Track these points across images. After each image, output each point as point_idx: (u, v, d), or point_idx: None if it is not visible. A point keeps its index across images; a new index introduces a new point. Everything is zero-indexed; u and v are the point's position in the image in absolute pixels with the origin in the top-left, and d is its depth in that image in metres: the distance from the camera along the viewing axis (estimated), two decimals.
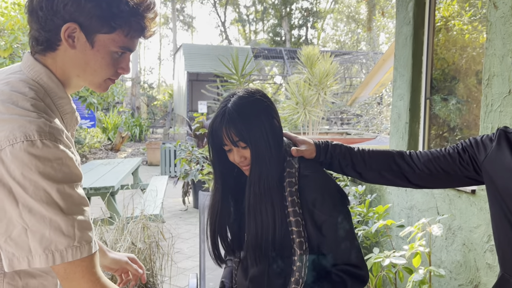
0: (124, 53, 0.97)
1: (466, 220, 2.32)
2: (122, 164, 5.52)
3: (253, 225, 1.16)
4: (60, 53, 0.92)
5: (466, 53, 3.15)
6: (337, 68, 6.54)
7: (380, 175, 1.28)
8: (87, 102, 5.60)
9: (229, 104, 1.15)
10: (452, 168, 1.23)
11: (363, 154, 1.29)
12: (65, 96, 0.95)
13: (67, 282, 0.84)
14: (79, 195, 0.86)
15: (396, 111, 3.04)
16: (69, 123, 0.98)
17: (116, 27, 0.91)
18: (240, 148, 1.15)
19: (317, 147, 1.27)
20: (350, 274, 1.15)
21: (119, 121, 14.36)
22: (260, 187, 1.14)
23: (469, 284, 2.31)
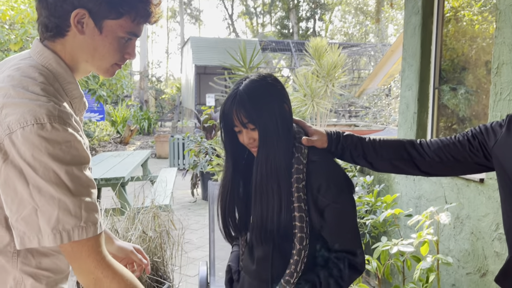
0: (131, 39, 0.99)
1: (474, 209, 2.32)
2: (132, 156, 5.58)
3: (259, 205, 1.18)
4: (69, 39, 0.94)
5: (476, 43, 3.13)
6: (345, 59, 6.51)
7: (391, 164, 1.29)
8: (96, 95, 5.64)
9: (241, 87, 1.18)
10: (462, 155, 1.24)
11: (374, 144, 1.29)
12: (73, 81, 0.98)
13: (74, 260, 0.87)
14: (87, 177, 0.88)
15: (404, 101, 3.04)
16: (78, 107, 1.01)
17: (123, 12, 0.93)
18: (249, 130, 1.17)
19: (329, 138, 1.28)
20: (348, 264, 1.17)
21: (128, 115, 14.45)
22: (267, 168, 1.16)
23: (477, 272, 2.32)
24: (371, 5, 27.67)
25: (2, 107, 0.84)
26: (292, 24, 28.17)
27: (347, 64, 12.94)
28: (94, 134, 11.01)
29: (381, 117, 8.16)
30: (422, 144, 1.29)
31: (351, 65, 16.16)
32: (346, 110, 12.70)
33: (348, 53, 14.82)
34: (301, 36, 27.44)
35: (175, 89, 22.99)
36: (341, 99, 9.68)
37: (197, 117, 7.84)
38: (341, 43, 15.53)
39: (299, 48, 15.34)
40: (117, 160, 5.24)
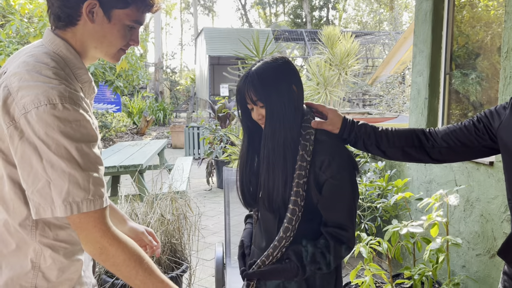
0: (135, 27, 1.08)
1: (484, 192, 2.37)
2: (149, 145, 5.71)
3: (266, 177, 1.27)
4: (79, 27, 1.03)
5: (492, 29, 3.12)
6: (358, 48, 6.50)
7: (403, 152, 1.34)
8: (113, 86, 5.76)
9: (253, 68, 1.28)
10: (469, 139, 1.28)
11: (387, 133, 1.34)
12: (82, 67, 1.06)
13: (82, 231, 0.95)
14: (95, 154, 0.96)
15: (415, 87, 3.07)
16: (87, 91, 1.09)
17: (130, 2, 1.02)
18: (259, 107, 1.27)
19: (343, 123, 1.32)
20: (335, 237, 1.22)
21: (144, 106, 14.64)
22: (273, 143, 1.25)
23: (486, 253, 2.37)
24: None
25: (18, 89, 0.92)
26: (305, 13, 27.94)
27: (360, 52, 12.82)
28: (111, 125, 11.21)
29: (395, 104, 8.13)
30: (431, 132, 1.34)
31: (365, 53, 16.02)
32: (360, 99, 12.65)
33: (362, 41, 14.70)
34: (315, 25, 27.22)
35: (189, 80, 23.13)
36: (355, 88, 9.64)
37: (211, 107, 7.93)
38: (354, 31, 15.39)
39: (312, 37, 15.26)
40: (135, 149, 5.38)
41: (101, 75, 5.64)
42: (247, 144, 1.36)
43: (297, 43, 17.19)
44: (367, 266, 2.30)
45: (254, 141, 1.36)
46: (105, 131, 10.86)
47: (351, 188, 1.25)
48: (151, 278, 1.00)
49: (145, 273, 0.99)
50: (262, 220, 1.38)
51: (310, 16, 27.93)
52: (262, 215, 1.38)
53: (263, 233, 1.35)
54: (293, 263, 1.22)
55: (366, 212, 3.14)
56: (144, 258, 1.00)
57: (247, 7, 35.21)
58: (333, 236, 1.22)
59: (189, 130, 8.82)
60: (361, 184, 3.18)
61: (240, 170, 1.37)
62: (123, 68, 5.52)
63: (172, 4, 38.31)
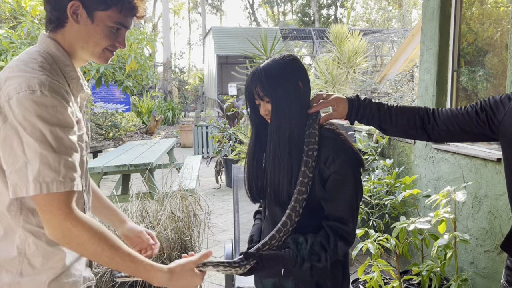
0: (120, 29, 1.15)
1: (492, 188, 2.37)
2: (158, 144, 5.76)
3: (272, 172, 1.30)
4: (67, 29, 1.11)
5: (501, 26, 3.11)
6: (366, 45, 6.50)
7: (403, 131, 1.39)
8: (123, 86, 5.83)
9: (261, 65, 1.32)
10: (469, 126, 1.31)
11: (391, 112, 1.36)
12: (70, 64, 1.13)
13: (45, 213, 0.99)
14: (70, 140, 1.02)
15: (423, 84, 3.08)
16: (75, 88, 1.15)
17: (111, 4, 1.09)
18: (265, 102, 1.31)
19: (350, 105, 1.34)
20: (335, 231, 1.24)
21: (153, 105, 14.73)
22: (278, 138, 1.28)
23: (494, 249, 2.38)
24: None
25: (6, 80, 1.02)
26: (313, 12, 27.87)
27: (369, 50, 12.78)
28: (121, 124, 11.30)
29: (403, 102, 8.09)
30: (434, 113, 1.37)
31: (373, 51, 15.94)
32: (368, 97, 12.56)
33: (370, 39, 14.63)
34: (323, 24, 27.15)
35: (197, 80, 23.21)
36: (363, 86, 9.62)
37: (220, 106, 7.97)
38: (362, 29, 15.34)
39: (320, 35, 15.22)
40: (145, 148, 5.44)
41: (111, 75, 5.71)
42: (255, 139, 1.39)
43: (305, 42, 17.16)
44: (375, 262, 2.32)
45: (261, 137, 1.39)
46: (114, 131, 10.96)
47: (354, 183, 1.25)
48: (118, 253, 1.04)
49: (111, 249, 1.03)
50: (270, 215, 1.41)
51: (318, 15, 27.85)
52: (269, 210, 1.40)
53: (271, 227, 1.37)
54: (292, 251, 1.23)
55: (374, 209, 3.15)
56: (109, 236, 1.04)
57: (255, 6, 35.25)
58: (333, 229, 1.24)
59: (198, 129, 8.88)
60: (369, 181, 3.20)
61: (248, 165, 1.40)
62: (132, 68, 5.59)
63: (180, 3, 38.45)
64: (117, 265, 1.05)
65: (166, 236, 2.67)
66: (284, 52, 1.38)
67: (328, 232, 1.24)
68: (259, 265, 1.21)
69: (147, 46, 6.35)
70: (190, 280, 1.13)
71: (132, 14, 1.14)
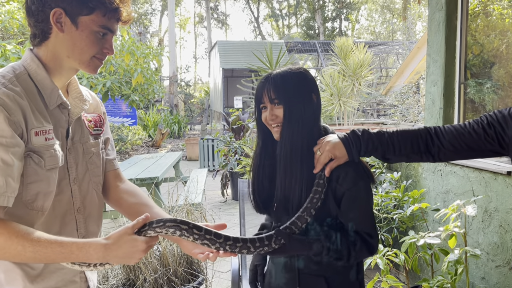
0: (106, 34, 1.13)
1: (502, 202, 2.33)
2: (164, 158, 5.77)
3: (283, 177, 1.28)
4: (52, 40, 1.10)
5: (507, 37, 3.11)
6: (371, 58, 6.51)
7: (407, 157, 1.32)
8: (129, 100, 5.86)
9: (274, 72, 1.31)
10: (476, 144, 1.25)
11: (393, 141, 1.28)
12: (43, 74, 1.11)
13: None
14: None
15: (430, 97, 3.06)
16: (49, 98, 1.12)
17: (94, 7, 1.08)
18: (274, 106, 1.28)
19: (347, 149, 1.26)
20: (364, 240, 1.24)
21: (159, 119, 14.81)
22: (291, 145, 1.27)
23: (506, 265, 2.33)
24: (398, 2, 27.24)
25: None
26: (318, 25, 28.07)
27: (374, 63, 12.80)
28: (127, 138, 11.35)
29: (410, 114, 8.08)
30: (437, 133, 1.29)
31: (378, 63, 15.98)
32: (374, 109, 12.58)
33: (375, 51, 14.67)
34: (327, 36, 27.30)
35: (203, 93, 23.34)
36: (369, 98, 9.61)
37: (225, 119, 7.99)
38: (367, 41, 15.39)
39: (325, 48, 15.30)
40: (151, 161, 5.44)
41: (117, 89, 5.74)
42: (261, 146, 1.38)
43: (310, 55, 17.25)
44: (384, 278, 2.27)
45: (267, 144, 1.37)
46: (121, 144, 11.01)
47: (367, 196, 1.27)
48: (41, 244, 0.99)
49: (32, 243, 0.99)
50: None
51: (323, 27, 28.04)
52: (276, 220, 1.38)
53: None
54: (319, 243, 1.21)
55: (382, 223, 3.11)
56: (28, 231, 1.00)
57: (260, 19, 35.57)
58: (362, 239, 1.24)
59: (204, 142, 8.89)
60: (377, 195, 3.16)
61: (253, 173, 1.38)
62: (139, 82, 5.62)
63: (186, 18, 38.90)
64: (46, 256, 1.00)
65: (172, 252, 2.64)
66: (296, 65, 1.38)
67: (356, 239, 1.24)
68: (286, 246, 1.19)
69: (153, 60, 6.40)
70: (129, 247, 1.04)
71: (116, 18, 1.13)
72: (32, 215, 1.09)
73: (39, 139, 1.07)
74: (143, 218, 1.09)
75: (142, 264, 2.56)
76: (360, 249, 1.23)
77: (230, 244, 1.13)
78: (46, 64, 1.13)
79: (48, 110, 1.12)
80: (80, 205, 1.21)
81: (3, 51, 4.32)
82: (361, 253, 1.25)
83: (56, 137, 1.13)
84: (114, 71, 5.76)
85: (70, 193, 1.18)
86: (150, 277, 2.54)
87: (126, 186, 1.38)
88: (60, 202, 1.15)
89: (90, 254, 1.02)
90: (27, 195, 1.08)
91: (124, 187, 1.37)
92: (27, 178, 1.07)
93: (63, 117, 1.16)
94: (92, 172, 1.25)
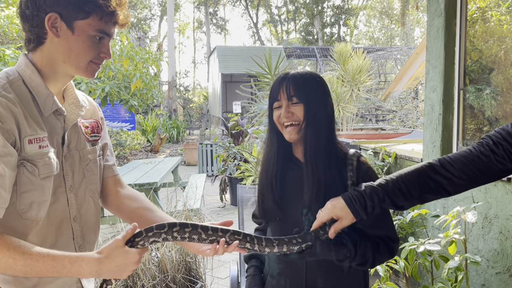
0: (103, 38, 1.10)
1: (502, 208, 2.33)
2: (163, 163, 5.75)
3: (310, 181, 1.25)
4: (47, 45, 1.08)
5: (505, 43, 3.11)
6: (370, 63, 6.52)
7: (421, 199, 1.23)
8: (128, 105, 5.86)
9: (292, 71, 1.30)
10: (488, 167, 1.18)
11: (399, 186, 1.20)
12: (37, 80, 1.08)
13: None
14: None
15: (429, 103, 3.06)
16: (44, 104, 1.09)
17: (90, 11, 1.05)
18: (292, 104, 1.26)
19: (351, 208, 1.19)
20: (387, 244, 1.26)
21: (157, 124, 14.80)
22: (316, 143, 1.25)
23: (506, 271, 2.32)
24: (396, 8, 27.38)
25: None
26: (317, 30, 28.17)
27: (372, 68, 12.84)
28: (126, 143, 11.34)
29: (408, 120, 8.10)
30: (444, 165, 1.20)
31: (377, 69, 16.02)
32: (372, 114, 12.61)
33: (374, 57, 14.72)
34: (326, 42, 27.40)
35: (202, 98, 23.36)
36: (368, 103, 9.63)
37: (224, 124, 7.99)
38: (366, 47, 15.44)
39: (324, 53, 15.35)
40: (149, 167, 5.43)
41: (116, 94, 5.74)
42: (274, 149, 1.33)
43: (309, 60, 17.28)
44: (384, 285, 2.26)
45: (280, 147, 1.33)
46: (119, 149, 10.99)
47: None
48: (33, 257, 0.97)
49: (24, 256, 0.97)
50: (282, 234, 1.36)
51: (321, 33, 28.14)
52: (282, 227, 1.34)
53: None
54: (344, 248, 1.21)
55: None
56: (19, 244, 0.99)
57: (258, 25, 35.69)
58: (385, 243, 1.25)
59: (203, 147, 8.88)
60: None
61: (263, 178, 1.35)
62: (137, 87, 5.62)
63: (185, 23, 39.01)
64: (37, 270, 0.98)
65: (171, 258, 2.63)
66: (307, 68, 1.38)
67: (380, 243, 1.25)
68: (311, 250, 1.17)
69: (152, 65, 6.40)
70: (122, 259, 1.02)
71: (112, 21, 1.10)
72: (26, 225, 1.06)
73: (33, 147, 1.05)
74: (132, 228, 1.07)
75: (140, 271, 2.54)
76: (383, 253, 1.24)
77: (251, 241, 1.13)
78: (41, 69, 1.10)
79: (42, 117, 1.09)
80: (76, 214, 1.18)
81: (2, 55, 4.31)
82: (384, 257, 1.26)
83: (51, 144, 1.10)
84: (113, 76, 5.76)
85: (66, 201, 1.15)
86: (148, 284, 2.52)
87: (126, 192, 1.36)
88: (55, 210, 1.12)
89: (83, 268, 1.00)
90: (21, 205, 1.05)
91: (125, 192, 1.35)
92: (21, 187, 1.04)
93: (58, 124, 1.13)
94: (89, 179, 1.22)
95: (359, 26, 31.58)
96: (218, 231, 1.12)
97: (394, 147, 3.99)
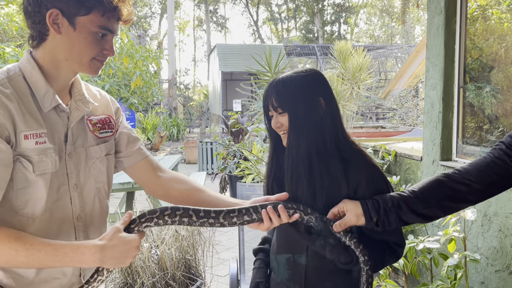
0: (106, 35, 1.09)
1: (502, 206, 2.33)
2: (163, 161, 5.75)
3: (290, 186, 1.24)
4: (49, 41, 1.07)
5: (505, 41, 3.11)
6: (370, 62, 6.51)
7: (441, 208, 1.20)
8: (128, 103, 5.86)
9: (281, 76, 1.27)
10: (505, 170, 1.17)
11: (416, 194, 1.19)
12: (37, 76, 1.08)
13: None
14: None
15: (429, 101, 3.06)
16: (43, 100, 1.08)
17: (91, 7, 1.04)
18: (278, 114, 1.24)
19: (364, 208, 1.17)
20: (389, 247, 1.24)
21: (158, 122, 14.80)
22: (297, 155, 1.21)
23: (505, 269, 2.32)
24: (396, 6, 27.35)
25: None
26: (317, 28, 28.14)
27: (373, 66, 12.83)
28: None
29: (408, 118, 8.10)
30: (461, 173, 1.20)
31: (377, 67, 16.02)
32: (373, 113, 12.61)
33: (374, 55, 14.71)
34: (326, 40, 27.38)
35: (202, 96, 23.38)
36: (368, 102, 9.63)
37: (224, 122, 7.99)
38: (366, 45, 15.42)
39: (324, 52, 15.34)
40: None
41: (116, 92, 5.74)
42: (272, 153, 1.33)
43: (309, 58, 17.28)
44: (383, 283, 2.27)
45: (278, 151, 1.33)
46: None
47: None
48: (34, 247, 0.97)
49: (25, 246, 0.96)
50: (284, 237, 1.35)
51: (321, 31, 28.11)
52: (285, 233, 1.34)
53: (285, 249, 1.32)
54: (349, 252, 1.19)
55: None
56: (20, 235, 0.98)
57: (259, 23, 35.64)
58: (391, 248, 1.24)
59: (203, 145, 8.89)
60: None
61: (266, 178, 1.35)
62: (137, 85, 5.63)
63: (185, 21, 38.98)
64: (40, 260, 0.97)
65: (170, 256, 2.63)
66: (307, 67, 1.35)
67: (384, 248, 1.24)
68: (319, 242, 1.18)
69: (152, 63, 6.40)
70: (124, 244, 1.02)
71: (115, 17, 1.08)
72: (22, 222, 1.05)
73: (29, 142, 1.03)
74: (127, 216, 1.08)
75: (140, 268, 2.55)
76: (389, 258, 1.24)
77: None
78: (43, 66, 1.09)
79: (42, 113, 1.08)
80: (80, 213, 1.16)
81: (2, 53, 4.31)
82: (389, 262, 1.25)
83: (52, 141, 1.09)
84: (113, 74, 5.76)
85: (69, 199, 1.13)
86: (148, 281, 2.52)
87: (169, 175, 1.32)
88: (57, 208, 1.11)
89: (86, 255, 0.99)
90: (17, 201, 1.04)
91: (167, 176, 1.32)
92: (17, 183, 1.03)
93: (60, 121, 1.12)
94: (96, 178, 1.20)
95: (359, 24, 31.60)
96: (210, 212, 1.12)
97: (394, 145, 3.99)
